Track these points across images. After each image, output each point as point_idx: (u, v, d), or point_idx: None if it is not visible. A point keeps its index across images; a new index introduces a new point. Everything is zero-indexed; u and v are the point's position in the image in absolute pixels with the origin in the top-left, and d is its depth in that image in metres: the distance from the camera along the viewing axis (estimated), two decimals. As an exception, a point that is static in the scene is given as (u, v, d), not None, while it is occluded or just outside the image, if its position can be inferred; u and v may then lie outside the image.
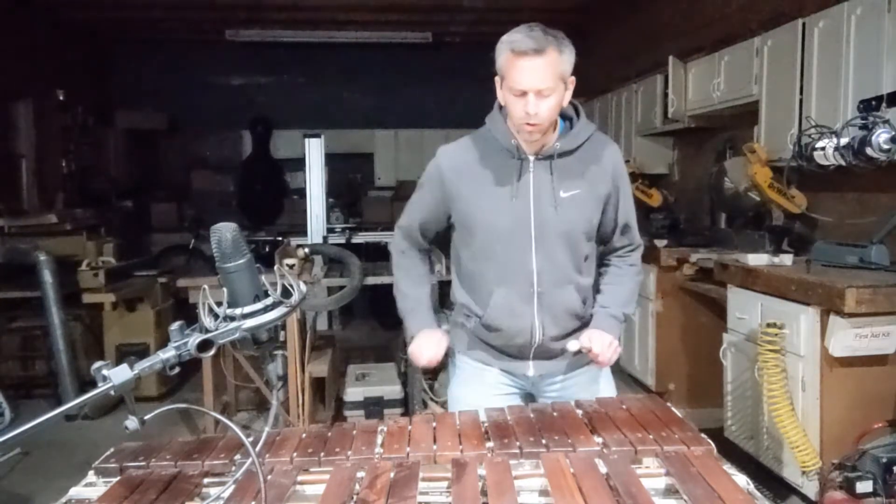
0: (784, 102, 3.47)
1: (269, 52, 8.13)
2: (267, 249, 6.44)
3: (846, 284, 2.58)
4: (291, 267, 3.71)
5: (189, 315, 1.41)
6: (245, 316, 1.17)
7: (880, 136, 2.60)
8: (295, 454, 1.45)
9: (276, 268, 1.26)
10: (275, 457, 1.44)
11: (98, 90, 7.73)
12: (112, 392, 1.08)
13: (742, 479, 1.33)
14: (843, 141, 2.74)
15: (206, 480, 1.39)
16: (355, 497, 1.27)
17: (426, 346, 1.88)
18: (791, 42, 3.41)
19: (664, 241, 4.38)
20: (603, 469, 1.34)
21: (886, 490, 2.52)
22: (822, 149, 2.84)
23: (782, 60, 3.49)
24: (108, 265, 4.68)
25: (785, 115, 3.46)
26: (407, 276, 1.98)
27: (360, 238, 7.16)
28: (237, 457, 1.44)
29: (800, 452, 2.73)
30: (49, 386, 4.56)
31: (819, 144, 2.86)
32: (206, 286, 1.19)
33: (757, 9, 4.13)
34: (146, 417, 1.12)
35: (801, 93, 3.34)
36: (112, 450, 1.54)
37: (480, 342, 1.89)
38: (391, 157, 8.54)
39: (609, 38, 6.51)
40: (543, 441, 1.46)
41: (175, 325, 1.16)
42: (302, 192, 6.74)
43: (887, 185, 3.13)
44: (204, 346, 1.14)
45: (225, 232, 1.17)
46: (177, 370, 1.14)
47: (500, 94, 1.75)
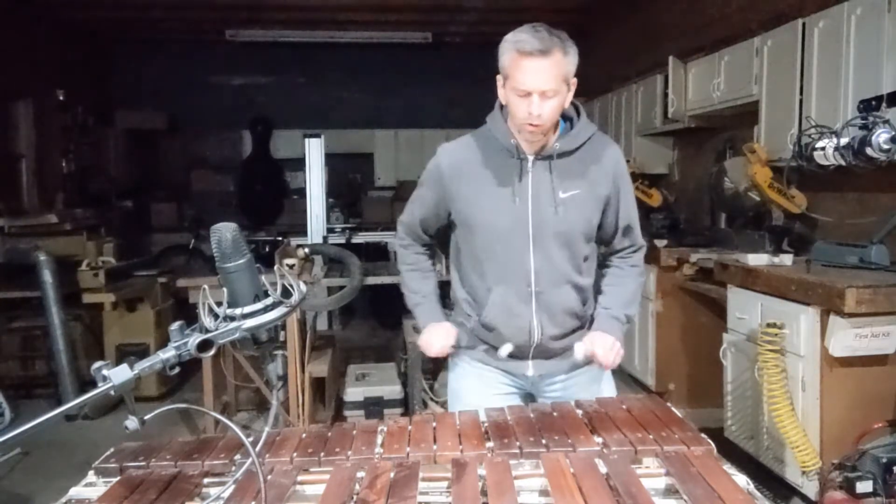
0: (784, 102, 3.47)
1: (269, 52, 8.13)
2: (267, 249, 6.44)
3: (846, 284, 2.58)
4: (291, 267, 3.71)
5: (189, 315, 1.41)
6: (245, 316, 1.17)
7: (880, 136, 2.60)
8: (295, 454, 1.45)
9: (276, 268, 1.26)
10: (275, 457, 1.44)
11: (98, 90, 7.73)
12: (112, 392, 1.08)
13: (742, 479, 1.33)
14: (843, 141, 2.74)
15: (206, 480, 1.39)
16: (355, 497, 1.27)
17: (436, 337, 1.88)
18: (791, 42, 3.41)
19: (664, 241, 4.38)
20: (603, 469, 1.34)
21: (886, 490, 2.52)
22: (822, 149, 2.84)
23: (782, 60, 3.49)
24: (108, 265, 4.69)
25: (785, 115, 3.46)
26: (412, 271, 1.99)
27: (360, 238, 7.18)
28: (237, 457, 1.44)
29: (800, 452, 2.73)
30: (49, 386, 4.56)
31: (819, 144, 2.86)
32: (206, 286, 1.19)
33: (757, 9, 4.13)
34: (146, 417, 1.12)
35: (801, 93, 3.34)
36: (112, 450, 1.54)
37: (480, 342, 1.89)
38: (391, 157, 8.54)
39: (609, 38, 6.51)
40: (543, 441, 1.46)
41: (175, 325, 1.16)
42: (302, 192, 6.74)
43: (887, 185, 3.13)
44: (204, 346, 1.14)
45: (225, 232, 1.17)
46: (177, 370, 1.14)
47: (501, 93, 1.74)
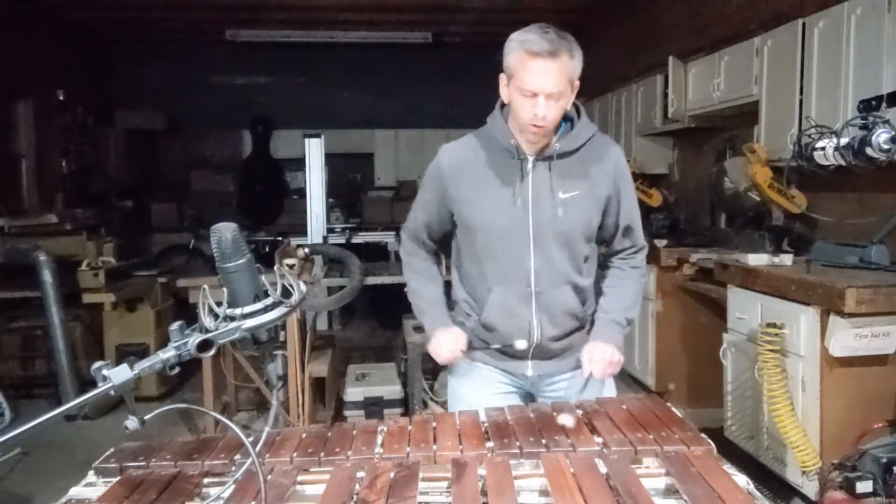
0: (784, 102, 3.47)
1: (269, 52, 8.13)
2: (267, 249, 6.47)
3: (846, 284, 2.58)
4: (291, 267, 3.71)
5: (189, 315, 1.41)
6: (245, 316, 1.17)
7: (880, 136, 2.60)
8: (295, 454, 1.45)
9: (276, 268, 1.26)
10: (275, 457, 1.44)
11: (98, 90, 7.73)
12: (112, 392, 1.08)
13: (742, 479, 1.33)
14: (843, 141, 2.74)
15: (206, 480, 1.39)
16: (355, 497, 1.27)
17: (446, 343, 1.86)
18: (791, 42, 3.41)
19: (664, 241, 4.38)
20: (603, 469, 1.34)
21: (886, 490, 2.52)
22: (822, 149, 2.84)
23: (782, 60, 3.49)
24: (108, 265, 4.68)
25: (785, 115, 3.46)
26: (418, 277, 1.97)
27: (360, 238, 7.18)
28: (237, 457, 1.44)
29: (800, 452, 2.73)
30: (49, 386, 4.56)
31: (819, 144, 2.86)
32: (206, 286, 1.19)
33: (757, 9, 4.13)
34: (146, 417, 1.12)
35: (801, 93, 3.34)
36: (112, 450, 1.54)
37: (480, 341, 1.89)
38: (391, 157, 8.54)
39: (609, 38, 6.51)
40: (543, 441, 1.46)
41: (175, 325, 1.16)
42: (302, 192, 6.75)
43: (887, 185, 3.13)
44: (204, 346, 1.14)
45: (225, 232, 1.17)
46: (177, 370, 1.14)
47: (504, 92, 1.74)
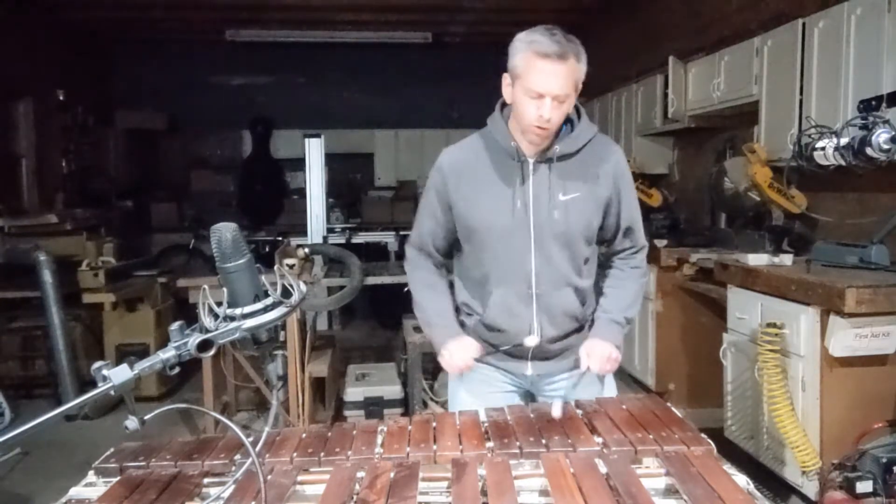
0: (784, 102, 3.47)
1: (269, 52, 8.12)
2: (267, 249, 6.47)
3: (846, 284, 2.58)
4: (291, 267, 3.71)
5: (189, 315, 1.41)
6: (245, 316, 1.17)
7: (880, 136, 2.60)
8: (295, 454, 1.45)
9: (276, 268, 1.26)
10: (275, 457, 1.44)
11: (98, 90, 7.72)
12: (112, 392, 1.09)
13: (742, 479, 1.33)
14: (843, 141, 2.73)
15: (206, 480, 1.40)
16: (355, 497, 1.27)
17: (457, 354, 1.83)
18: (791, 42, 3.41)
19: (664, 241, 4.38)
20: (603, 469, 1.34)
21: (886, 490, 2.52)
22: (822, 149, 2.83)
23: (782, 60, 3.49)
24: (108, 265, 4.69)
25: (785, 115, 3.46)
26: (424, 290, 1.93)
27: (360, 238, 7.19)
28: (237, 457, 1.44)
29: (800, 452, 2.73)
30: (49, 386, 4.56)
31: (819, 144, 2.86)
32: (206, 286, 1.19)
33: (757, 9, 4.13)
34: (146, 417, 1.12)
35: (801, 93, 3.34)
36: (112, 450, 1.54)
37: (481, 340, 1.89)
38: (391, 157, 8.54)
39: (609, 38, 6.51)
40: (543, 441, 1.46)
41: (175, 325, 1.16)
42: (302, 192, 6.75)
43: (887, 185, 3.13)
44: (204, 346, 1.14)
45: (225, 232, 1.17)
46: (177, 370, 1.15)
47: (507, 92, 1.73)
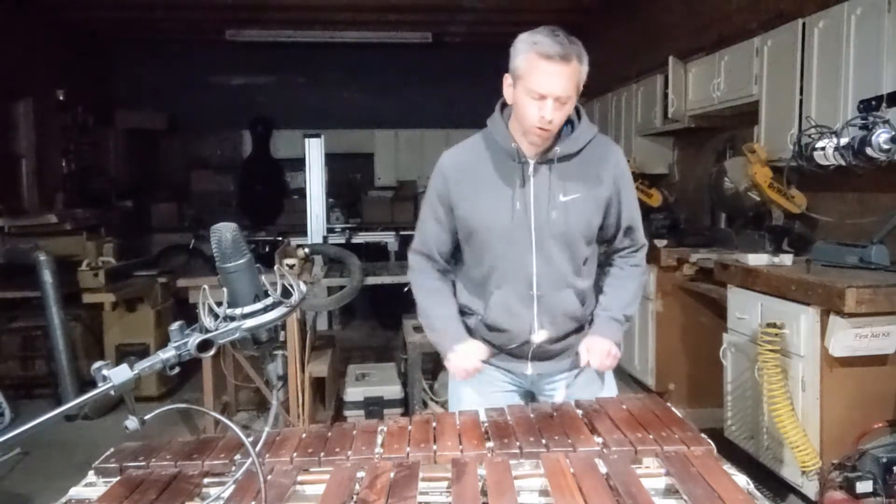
0: (784, 102, 3.47)
1: (269, 52, 8.12)
2: (267, 249, 6.48)
3: (846, 284, 2.58)
4: (291, 267, 3.71)
5: (189, 315, 1.41)
6: (245, 316, 1.17)
7: (880, 136, 2.60)
8: (295, 454, 1.45)
9: (276, 268, 1.26)
10: (275, 457, 1.44)
11: (98, 90, 7.72)
12: (112, 392, 1.09)
13: (742, 479, 1.33)
14: (843, 141, 2.73)
15: (206, 480, 1.39)
16: (355, 497, 1.27)
17: (465, 358, 1.82)
18: (791, 42, 3.41)
19: (664, 241, 4.38)
20: (603, 469, 1.34)
21: (886, 490, 2.52)
22: (822, 149, 2.83)
23: (782, 60, 3.49)
24: (108, 265, 4.68)
25: (785, 115, 3.46)
26: (428, 295, 1.91)
27: (360, 238, 7.19)
28: (237, 457, 1.44)
29: (800, 452, 2.73)
30: (49, 386, 4.56)
31: (819, 144, 2.86)
32: (206, 286, 1.19)
33: (757, 9, 4.13)
34: (146, 417, 1.12)
35: (801, 93, 3.34)
36: (112, 450, 1.54)
37: (483, 341, 1.89)
38: (391, 157, 8.53)
39: (609, 38, 6.51)
40: (543, 441, 1.46)
41: (175, 325, 1.16)
42: (302, 192, 6.75)
43: (887, 185, 3.13)
44: (204, 346, 1.14)
45: (225, 232, 1.17)
46: (177, 370, 1.15)
47: (509, 93, 1.73)
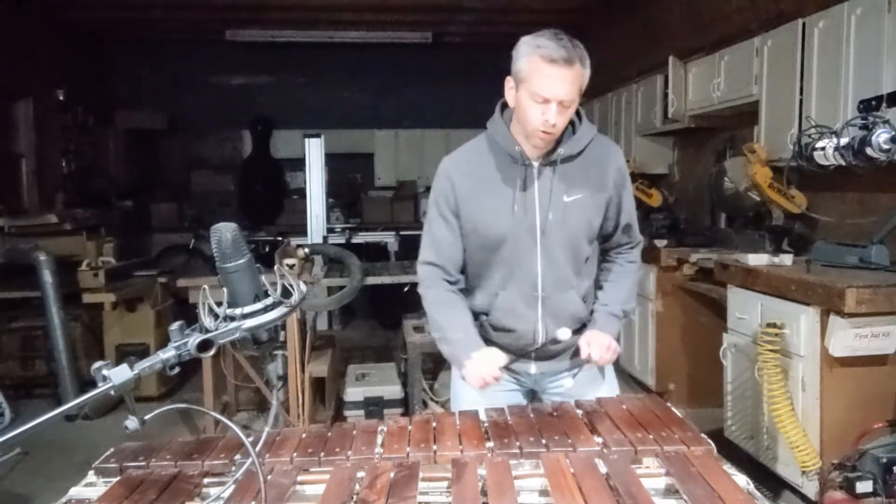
0: (784, 102, 3.47)
1: (269, 52, 8.12)
2: (267, 249, 6.47)
3: (846, 284, 2.58)
4: (291, 267, 3.71)
5: (189, 315, 1.41)
6: (245, 316, 1.17)
7: (880, 136, 2.60)
8: (295, 454, 1.45)
9: (276, 268, 1.26)
10: (275, 457, 1.44)
11: (98, 90, 7.72)
12: (112, 392, 1.08)
13: (742, 479, 1.33)
14: (843, 141, 2.73)
15: (206, 480, 1.40)
16: (355, 497, 1.27)
17: (482, 366, 1.74)
18: (791, 42, 3.41)
19: (664, 241, 4.38)
20: (603, 469, 1.34)
21: (886, 490, 2.52)
22: (822, 149, 2.83)
23: (782, 60, 3.49)
24: (108, 265, 4.68)
25: (785, 115, 3.46)
26: (440, 307, 1.86)
27: (360, 238, 7.18)
28: (237, 457, 1.44)
29: (800, 452, 2.73)
30: (49, 386, 4.56)
31: (819, 144, 2.86)
32: (206, 286, 1.19)
33: (757, 9, 4.13)
34: (146, 417, 1.12)
35: (801, 93, 3.34)
36: (112, 450, 1.54)
37: (486, 340, 1.89)
38: (391, 157, 8.53)
39: (609, 38, 6.50)
40: (543, 441, 1.46)
41: (175, 325, 1.16)
42: (302, 192, 6.75)
43: (887, 185, 3.13)
44: (204, 346, 1.14)
45: (225, 232, 1.17)
46: (177, 370, 1.15)
47: (511, 96, 1.73)
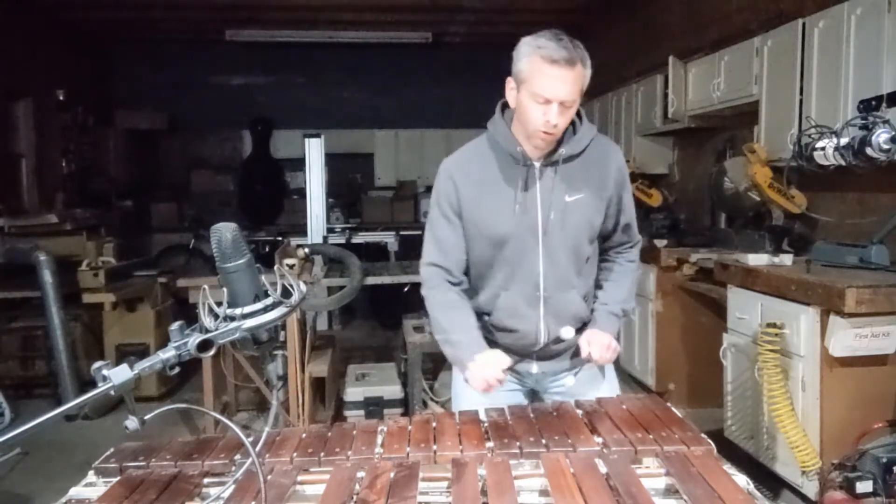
0: (784, 102, 3.47)
1: (269, 52, 8.12)
2: (267, 249, 6.48)
3: (846, 284, 2.58)
4: (291, 267, 3.71)
5: (189, 315, 1.41)
6: (245, 316, 1.17)
7: (880, 136, 2.60)
8: (295, 454, 1.45)
9: (276, 268, 1.26)
10: (275, 457, 1.44)
11: (98, 90, 7.72)
12: (112, 392, 1.09)
13: (742, 479, 1.33)
14: (843, 141, 2.73)
15: (206, 480, 1.40)
16: (355, 497, 1.27)
17: (486, 369, 1.72)
18: (791, 42, 3.41)
19: (664, 241, 4.38)
20: (603, 469, 1.34)
21: (886, 490, 2.52)
22: (822, 149, 2.83)
23: (782, 60, 3.49)
24: (108, 265, 4.69)
25: (785, 115, 3.46)
26: (443, 309, 1.84)
27: (360, 238, 7.19)
28: (237, 457, 1.44)
29: (800, 452, 2.73)
30: (49, 386, 4.56)
31: (819, 144, 2.85)
32: (206, 286, 1.19)
33: (757, 9, 4.13)
34: (146, 417, 1.12)
35: (801, 93, 3.34)
36: (112, 450, 1.54)
37: (488, 340, 1.89)
38: (391, 157, 8.53)
39: (609, 38, 6.50)
40: (543, 441, 1.46)
41: (175, 325, 1.16)
42: (302, 192, 6.75)
43: (887, 185, 3.13)
44: (204, 346, 1.14)
45: (225, 232, 1.17)
46: (177, 370, 1.15)
47: (512, 96, 1.73)
